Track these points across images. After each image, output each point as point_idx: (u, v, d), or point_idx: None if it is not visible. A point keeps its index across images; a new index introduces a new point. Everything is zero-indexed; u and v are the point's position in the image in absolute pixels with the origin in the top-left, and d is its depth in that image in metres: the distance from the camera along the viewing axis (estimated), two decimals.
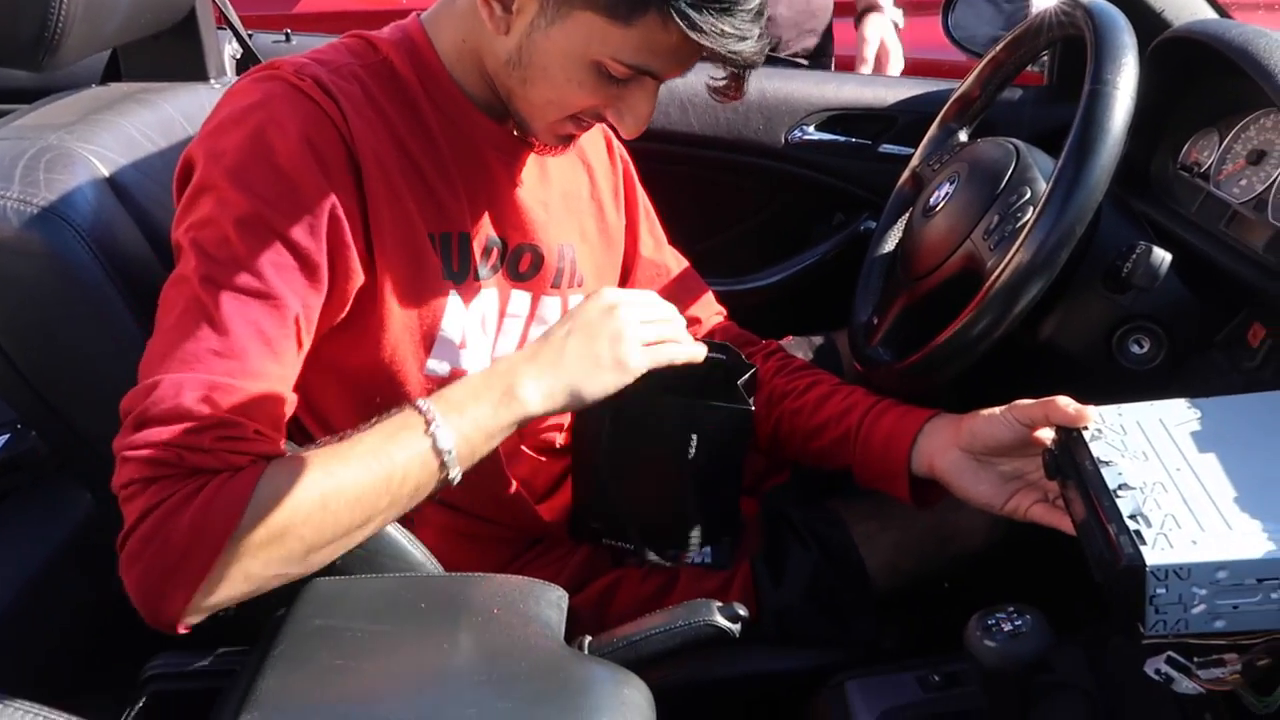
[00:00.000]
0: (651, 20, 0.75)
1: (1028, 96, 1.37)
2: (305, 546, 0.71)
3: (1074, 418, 0.77)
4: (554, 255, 0.96)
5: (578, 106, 0.83)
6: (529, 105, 0.84)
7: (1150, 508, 0.65)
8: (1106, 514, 0.65)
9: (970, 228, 0.94)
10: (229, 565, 0.68)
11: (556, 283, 0.97)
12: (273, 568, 0.70)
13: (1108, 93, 0.81)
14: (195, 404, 0.69)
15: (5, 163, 0.78)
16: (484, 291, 0.91)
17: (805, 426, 1.00)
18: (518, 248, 0.94)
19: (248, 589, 0.70)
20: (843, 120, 1.41)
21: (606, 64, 0.79)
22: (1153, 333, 0.92)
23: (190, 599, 0.68)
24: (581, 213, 1.02)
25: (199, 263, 0.73)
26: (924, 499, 0.94)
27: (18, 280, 0.76)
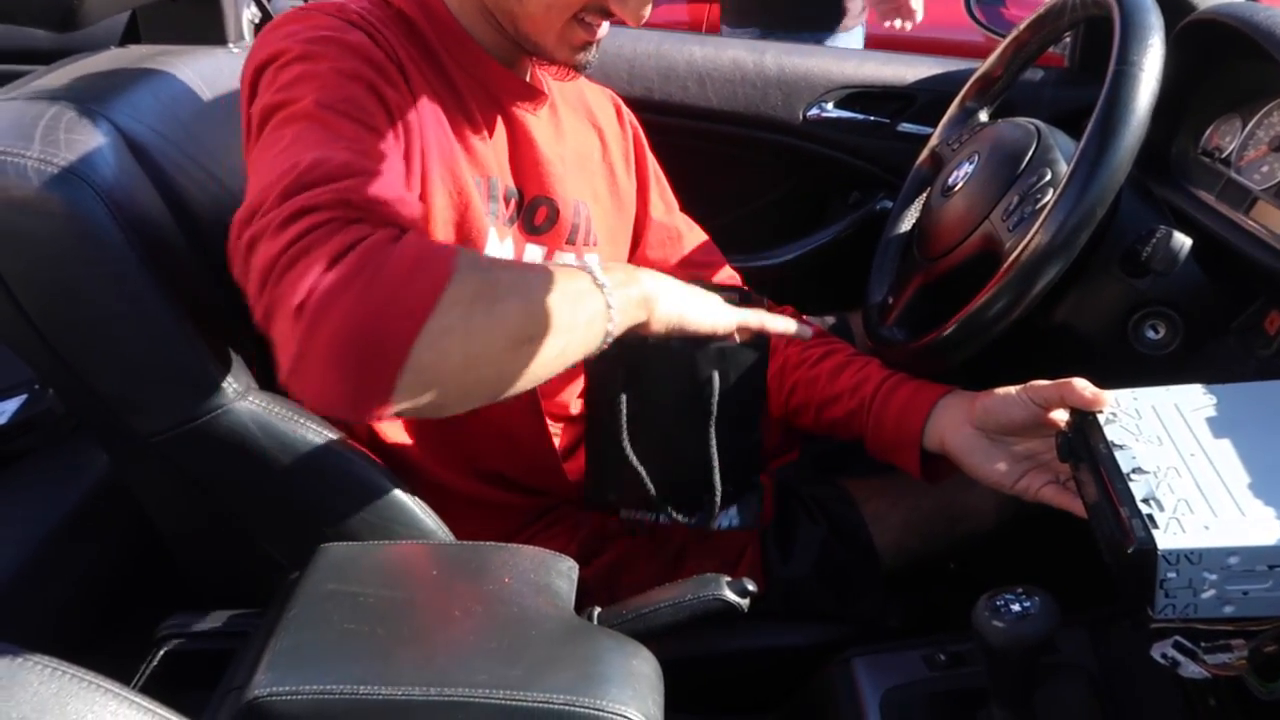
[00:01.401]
0: None
1: (1049, 78, 1.36)
2: (506, 330, 0.67)
3: (1090, 401, 0.77)
4: (569, 210, 0.96)
5: (578, 1, 0.82)
6: (533, 20, 0.83)
7: (1164, 492, 0.65)
8: (1119, 497, 0.65)
9: (989, 208, 0.94)
10: (450, 312, 0.63)
11: (571, 239, 0.97)
12: (477, 339, 0.65)
13: (1133, 74, 0.81)
14: (354, 166, 0.67)
15: (26, 123, 0.78)
16: (506, 239, 0.91)
17: (820, 397, 1.00)
18: (534, 200, 0.93)
19: (456, 364, 0.65)
20: (861, 98, 1.40)
21: None
22: (1169, 318, 0.92)
23: (415, 336, 0.62)
24: (594, 174, 1.02)
25: (300, 101, 0.71)
26: (934, 474, 0.94)
27: (37, 239, 0.76)
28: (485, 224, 0.87)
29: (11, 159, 0.75)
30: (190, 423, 0.80)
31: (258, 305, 0.66)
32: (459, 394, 0.68)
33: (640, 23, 0.85)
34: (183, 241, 0.85)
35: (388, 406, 0.63)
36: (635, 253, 1.08)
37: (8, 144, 0.76)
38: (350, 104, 0.72)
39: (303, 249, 0.63)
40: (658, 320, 0.77)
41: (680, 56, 1.38)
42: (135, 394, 0.82)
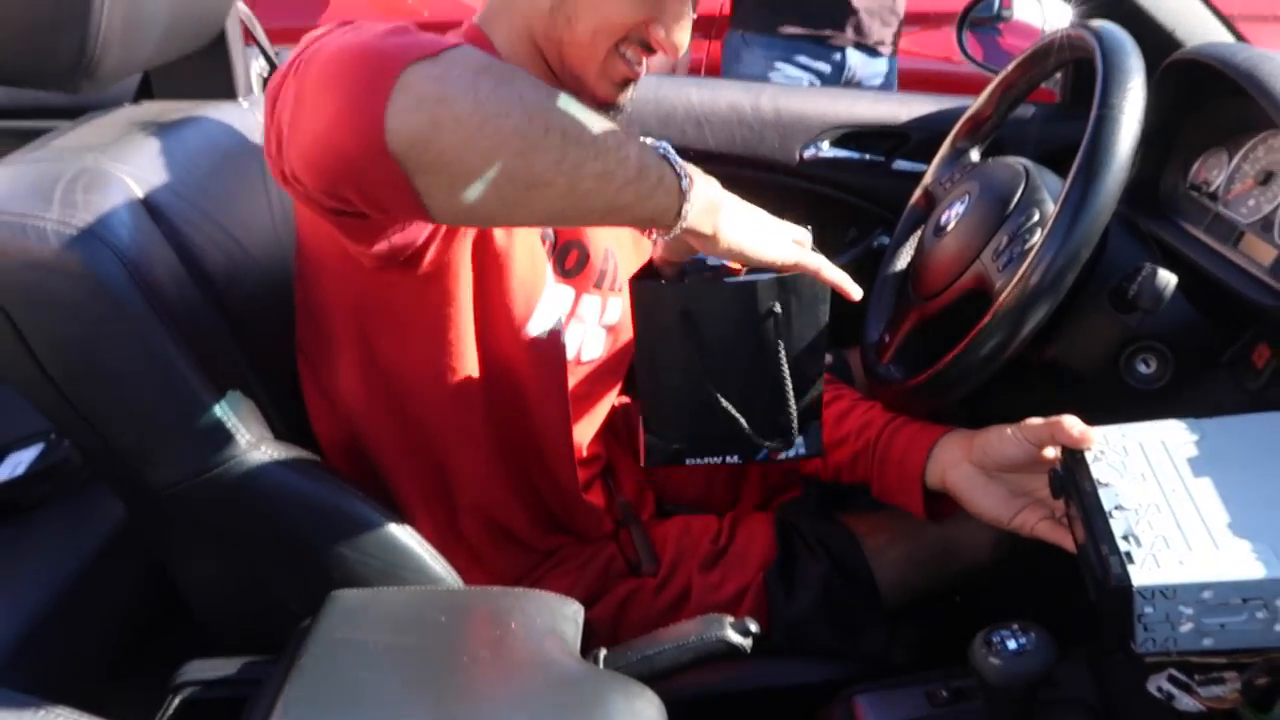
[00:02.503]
0: None
1: (1040, 114, 1.38)
2: (526, 110, 0.64)
3: (1078, 439, 0.79)
4: (599, 255, 0.99)
5: (622, 24, 0.85)
6: (578, 49, 0.86)
7: (1143, 529, 0.67)
8: (1100, 534, 0.67)
9: (980, 248, 0.96)
10: (456, 66, 0.62)
11: (599, 283, 1.00)
12: (487, 103, 0.62)
13: (1114, 117, 0.83)
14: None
15: (45, 185, 0.81)
16: (556, 285, 0.95)
17: (827, 440, 1.02)
18: (567, 243, 0.97)
19: (460, 111, 0.62)
20: (857, 137, 1.43)
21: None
22: (1159, 352, 0.93)
23: (410, 61, 0.61)
24: None
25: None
26: (937, 513, 0.96)
27: (57, 299, 0.79)
28: (542, 254, 0.91)
29: (32, 222, 0.78)
30: (204, 474, 0.83)
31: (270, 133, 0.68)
32: (466, 157, 0.63)
33: (679, 53, 0.88)
34: (197, 295, 0.88)
35: (380, 130, 0.60)
36: None
37: (28, 207, 0.79)
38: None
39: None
40: (723, 236, 0.75)
41: (678, 101, 1.41)
42: (151, 446, 0.84)
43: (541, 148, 0.64)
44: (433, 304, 0.87)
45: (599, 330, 1.02)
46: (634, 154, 0.69)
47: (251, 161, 1.04)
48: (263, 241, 1.00)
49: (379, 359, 0.90)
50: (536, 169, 0.64)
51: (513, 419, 0.95)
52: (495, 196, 0.64)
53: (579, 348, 1.00)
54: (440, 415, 0.92)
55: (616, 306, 1.03)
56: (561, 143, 0.64)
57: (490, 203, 0.64)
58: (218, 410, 0.83)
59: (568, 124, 0.65)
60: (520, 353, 0.92)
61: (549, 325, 0.92)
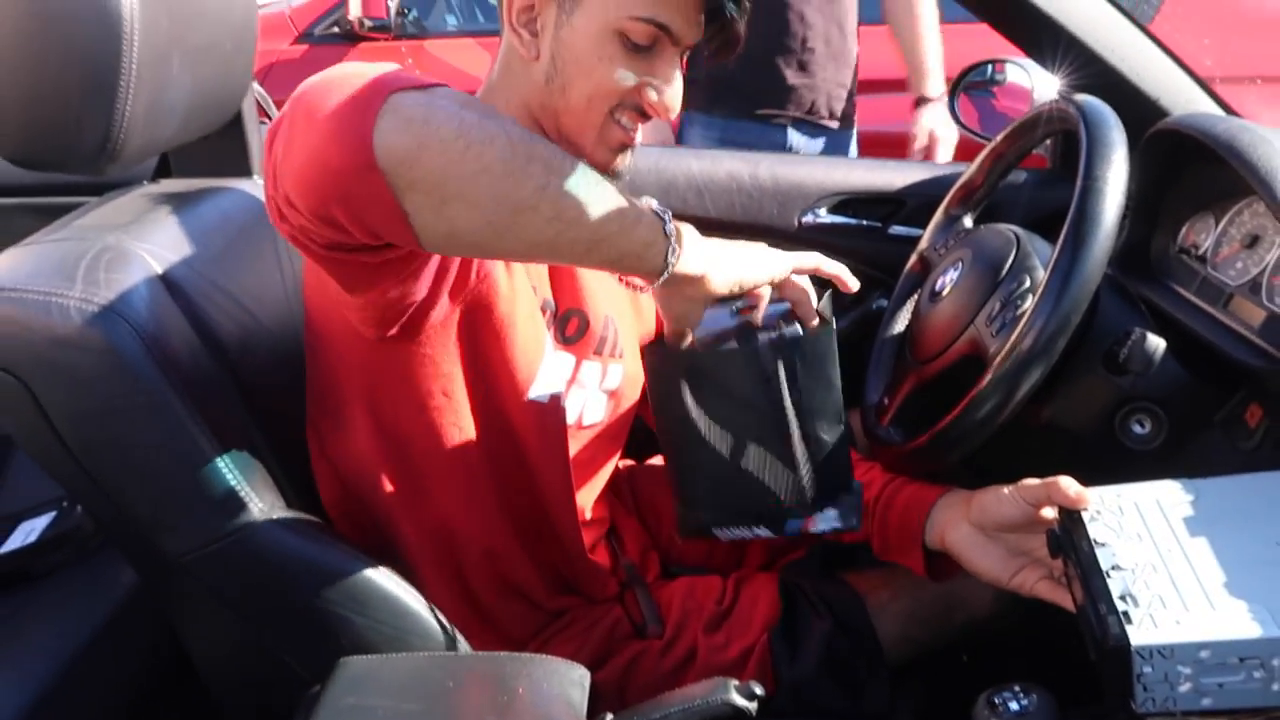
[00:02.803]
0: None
1: (1031, 179, 1.42)
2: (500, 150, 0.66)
3: (1074, 500, 0.80)
4: (599, 323, 1.02)
5: (615, 90, 0.87)
6: (574, 116, 0.89)
7: (1140, 588, 0.69)
8: (1098, 593, 0.69)
9: (974, 314, 0.98)
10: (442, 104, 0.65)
11: (599, 350, 1.02)
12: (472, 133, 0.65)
13: (1099, 188, 0.86)
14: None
15: (69, 264, 0.84)
16: (555, 353, 0.96)
17: None
18: (567, 311, 0.99)
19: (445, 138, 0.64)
20: (854, 203, 1.46)
21: (628, 28, 0.84)
22: (1154, 413, 0.95)
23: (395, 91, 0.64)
24: (619, 292, 1.08)
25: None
26: (938, 572, 0.97)
27: (78, 372, 0.82)
28: (540, 321, 0.93)
29: (56, 299, 0.81)
30: (217, 542, 0.84)
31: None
32: (452, 178, 0.65)
33: (672, 115, 0.90)
34: (212, 367, 0.90)
35: (368, 145, 0.62)
36: None
37: (54, 285, 0.82)
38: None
39: None
40: (715, 274, 0.78)
41: (679, 171, 1.45)
42: (165, 515, 0.86)
43: (525, 174, 0.66)
44: (435, 372, 0.89)
45: (600, 395, 1.04)
46: (615, 194, 0.72)
47: (264, 235, 1.07)
48: (275, 311, 1.03)
49: (384, 425, 0.92)
50: (521, 193, 0.66)
51: (517, 482, 0.97)
52: (482, 220, 0.66)
53: (580, 413, 1.02)
54: (446, 478, 0.94)
55: (617, 372, 1.05)
56: (545, 171, 0.67)
57: (477, 226, 0.67)
58: (230, 479, 0.85)
59: (549, 155, 0.68)
60: (522, 418, 0.94)
61: (550, 392, 0.94)
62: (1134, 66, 1.15)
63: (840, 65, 2.06)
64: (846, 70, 2.08)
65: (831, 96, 2.07)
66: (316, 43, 2.98)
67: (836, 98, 2.09)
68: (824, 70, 2.04)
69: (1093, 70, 1.15)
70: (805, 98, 2.04)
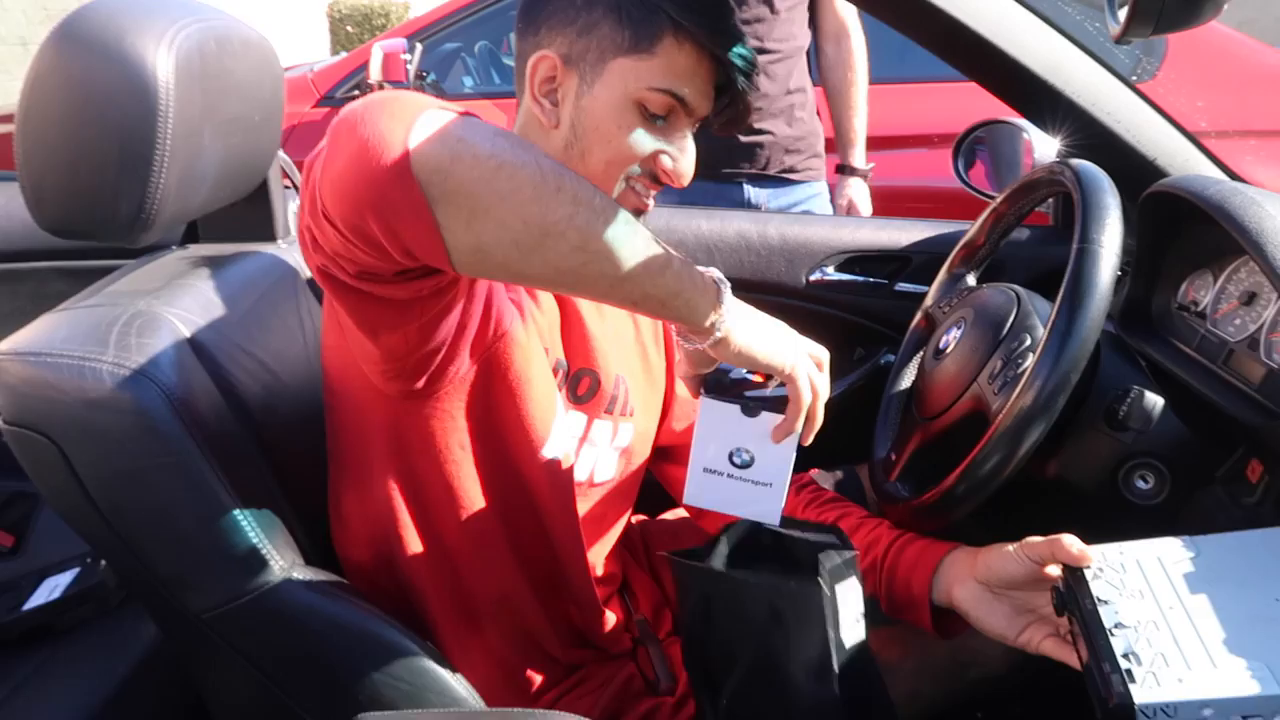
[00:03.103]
0: (668, 43, 0.88)
1: (1034, 237, 1.45)
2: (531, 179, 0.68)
3: (1076, 557, 0.81)
4: (610, 382, 1.04)
5: (632, 156, 0.91)
6: (592, 179, 0.91)
7: (1142, 646, 0.70)
8: (1101, 652, 0.70)
9: (976, 372, 1.01)
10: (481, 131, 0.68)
11: (610, 408, 1.05)
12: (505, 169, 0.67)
13: (1094, 251, 0.88)
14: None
15: (102, 328, 0.88)
16: (567, 414, 0.99)
17: None
18: (579, 371, 1.02)
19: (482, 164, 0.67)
20: (860, 261, 1.49)
21: (645, 99, 0.89)
22: (1156, 469, 0.97)
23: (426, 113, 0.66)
24: (629, 351, 1.10)
25: None
26: (946, 629, 0.98)
27: (108, 434, 0.85)
28: (551, 381, 0.96)
29: (89, 363, 0.84)
30: (239, 599, 0.87)
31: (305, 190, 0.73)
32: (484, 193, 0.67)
33: (685, 183, 0.94)
34: (237, 427, 0.93)
35: (405, 152, 0.65)
36: (663, 424, 1.16)
37: (87, 349, 0.85)
38: None
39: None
40: (735, 338, 0.79)
41: (689, 230, 1.49)
42: (189, 572, 0.88)
43: (555, 200, 0.68)
44: (451, 427, 0.92)
45: (611, 453, 1.06)
46: (644, 239, 0.73)
47: (288, 297, 1.11)
48: (297, 371, 1.06)
49: (401, 481, 0.94)
50: (550, 218, 0.68)
51: (530, 536, 0.99)
52: (510, 240, 0.68)
53: (591, 470, 1.04)
54: (461, 532, 0.96)
55: (628, 430, 1.07)
56: (573, 202, 0.69)
57: (505, 245, 0.68)
58: (253, 537, 0.87)
59: (578, 188, 0.70)
60: (535, 475, 0.96)
61: (562, 450, 0.97)
62: (1131, 128, 1.18)
63: (790, 121, 2.05)
64: (800, 126, 2.07)
65: (787, 151, 2.07)
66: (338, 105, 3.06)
67: (794, 152, 2.08)
68: (774, 128, 2.03)
69: (1091, 132, 1.18)
70: (758, 155, 2.04)
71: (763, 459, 0.85)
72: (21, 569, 1.27)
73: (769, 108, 2.01)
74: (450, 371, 0.88)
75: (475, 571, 0.97)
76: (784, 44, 2.00)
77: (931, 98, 2.52)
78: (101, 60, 0.85)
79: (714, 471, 0.87)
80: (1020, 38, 1.13)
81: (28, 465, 0.87)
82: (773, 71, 2.00)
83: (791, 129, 2.05)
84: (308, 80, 3.15)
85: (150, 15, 0.89)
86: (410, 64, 2.94)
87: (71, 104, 0.86)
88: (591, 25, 0.89)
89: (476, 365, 0.90)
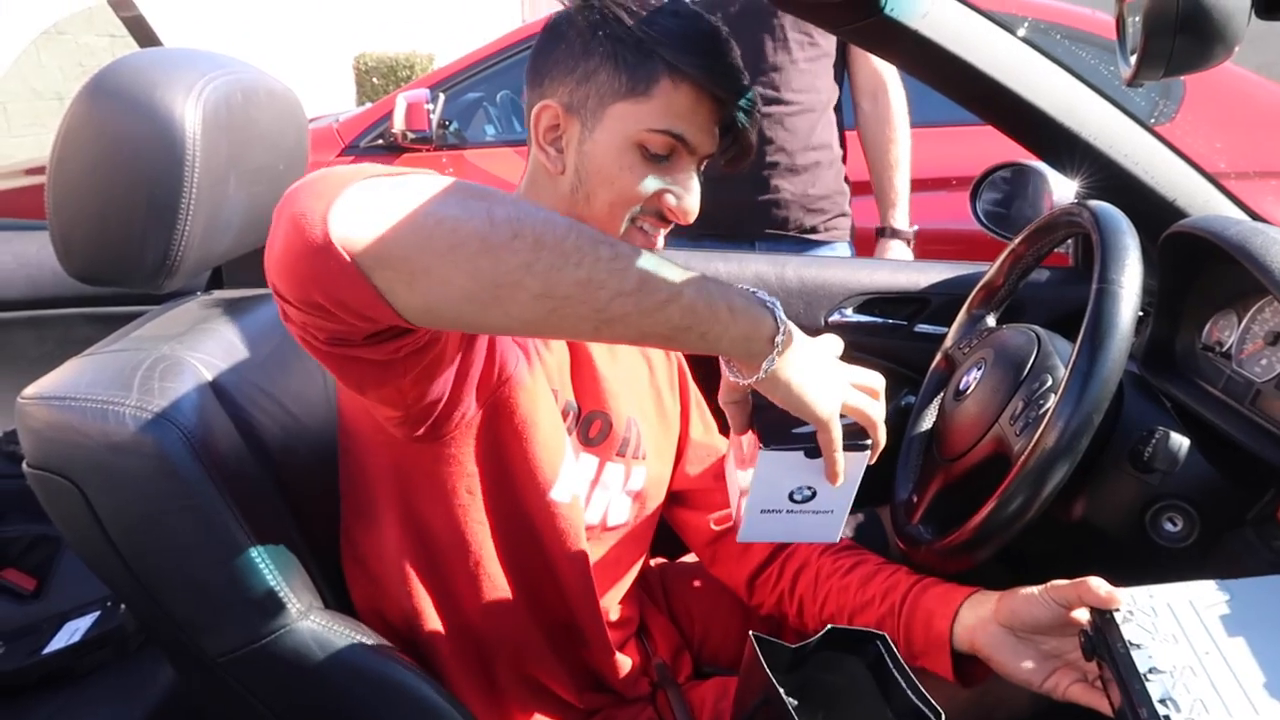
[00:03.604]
0: (664, 85, 0.90)
1: (1054, 277, 1.44)
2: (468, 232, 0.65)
3: (1105, 600, 0.80)
4: (622, 425, 1.04)
5: (636, 197, 0.92)
6: (598, 222, 0.92)
7: (1180, 692, 0.68)
8: (1137, 698, 0.68)
9: (998, 413, 1.00)
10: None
11: (622, 451, 1.05)
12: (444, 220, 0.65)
13: (1114, 291, 0.88)
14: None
15: (126, 373, 0.89)
16: (577, 459, 0.99)
17: (851, 604, 1.03)
18: (590, 414, 1.02)
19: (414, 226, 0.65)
20: (879, 302, 1.49)
21: (645, 140, 0.91)
22: (1184, 511, 0.95)
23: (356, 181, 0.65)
24: (643, 394, 1.10)
25: None
26: (968, 677, 0.96)
27: (130, 477, 0.85)
28: (560, 423, 0.96)
29: (113, 407, 0.85)
30: (256, 642, 0.86)
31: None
32: (419, 254, 0.65)
33: (690, 220, 0.94)
34: (256, 470, 0.94)
35: (325, 226, 0.63)
36: (677, 468, 1.15)
37: (111, 394, 0.86)
38: None
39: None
40: (779, 381, 0.75)
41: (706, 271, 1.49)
42: (207, 616, 0.88)
43: (508, 249, 0.64)
44: (460, 472, 0.92)
45: (624, 497, 1.06)
46: (644, 279, 0.68)
47: None
48: (316, 413, 1.07)
49: (412, 524, 0.94)
50: (502, 269, 0.65)
51: (541, 580, 0.98)
52: (460, 295, 0.65)
53: (604, 514, 1.04)
54: (471, 576, 0.96)
55: (640, 474, 1.07)
56: (533, 248, 0.65)
57: (456, 302, 0.65)
58: (271, 581, 0.87)
59: (545, 231, 0.66)
60: (543, 518, 0.96)
61: (571, 493, 0.97)
62: (1149, 170, 1.18)
63: (813, 180, 1.93)
64: (824, 184, 1.95)
65: (807, 210, 1.94)
66: (361, 154, 3.11)
67: (815, 211, 1.95)
68: (791, 185, 1.91)
69: (1109, 174, 1.18)
70: (773, 214, 1.92)
71: (825, 490, 0.83)
72: (42, 613, 1.28)
73: (786, 163, 1.91)
74: (455, 417, 0.88)
75: (485, 616, 0.97)
76: (804, 95, 1.91)
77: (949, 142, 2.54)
78: (131, 112, 0.88)
79: (773, 511, 0.84)
80: (1036, 81, 1.14)
81: (50, 508, 0.88)
82: (791, 124, 1.90)
83: (814, 188, 1.93)
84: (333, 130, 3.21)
85: (179, 68, 0.92)
86: (433, 113, 2.99)
87: (102, 154, 0.88)
88: (590, 73, 0.91)
89: (483, 410, 0.90)
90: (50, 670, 1.18)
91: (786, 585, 1.10)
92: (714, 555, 1.16)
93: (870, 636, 0.85)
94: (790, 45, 1.89)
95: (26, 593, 1.36)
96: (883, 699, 0.83)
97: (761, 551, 1.12)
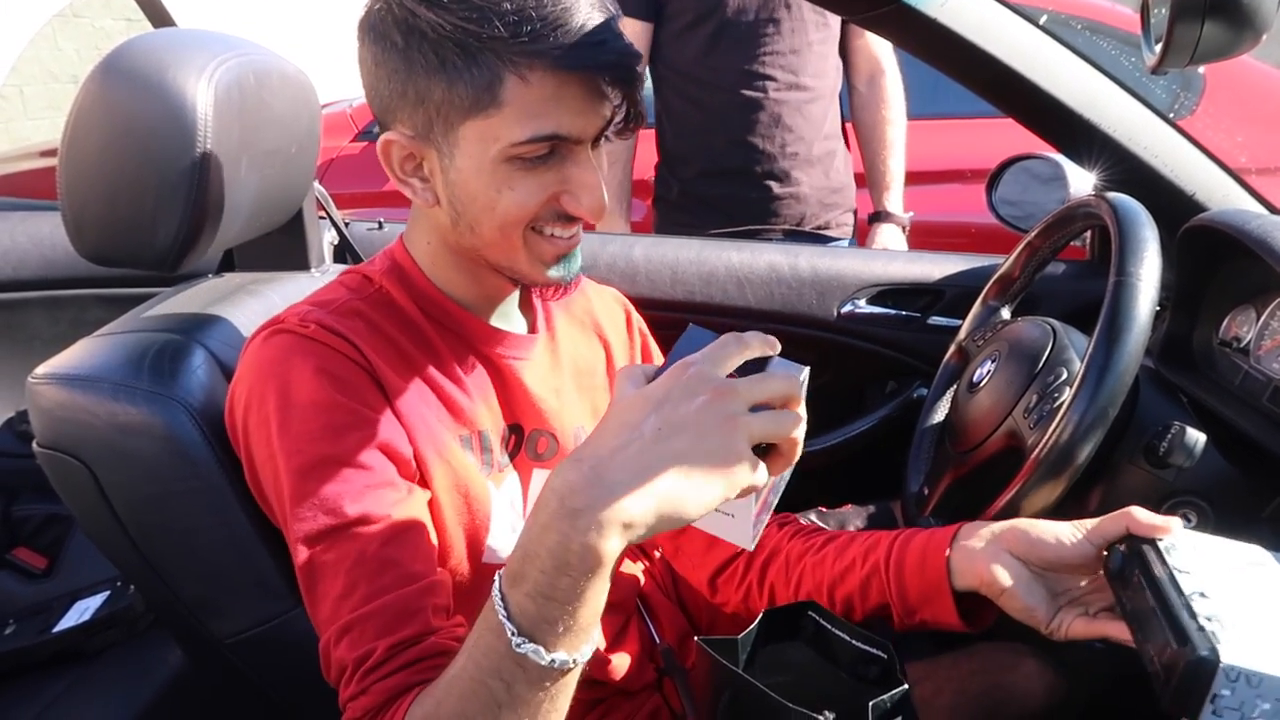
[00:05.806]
0: (512, 86, 0.76)
1: (1070, 270, 1.43)
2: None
3: (1155, 527, 0.76)
4: (569, 438, 0.99)
5: (523, 212, 0.81)
6: (495, 248, 0.84)
7: (1227, 616, 0.65)
8: (1185, 609, 0.65)
9: (1011, 405, 0.99)
10: None
11: None
12: None
13: (1132, 284, 0.87)
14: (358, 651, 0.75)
15: (137, 355, 0.89)
16: (509, 476, 0.94)
17: (830, 575, 0.98)
18: (534, 432, 0.97)
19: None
20: (892, 294, 1.48)
21: (513, 152, 0.78)
22: (1199, 507, 0.94)
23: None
24: (596, 390, 1.04)
25: (296, 528, 0.78)
26: (975, 619, 0.90)
27: (140, 457, 0.85)
28: (482, 481, 0.90)
29: (125, 388, 0.85)
30: (265, 624, 0.87)
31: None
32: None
33: (601, 218, 0.83)
34: None
35: None
36: None
37: (123, 376, 0.86)
38: (329, 464, 0.78)
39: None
40: (618, 548, 0.62)
41: (720, 262, 1.48)
42: (215, 597, 0.88)
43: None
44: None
45: None
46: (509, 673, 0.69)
47: None
48: None
49: None
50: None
51: None
52: None
53: None
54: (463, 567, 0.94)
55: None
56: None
57: None
58: (278, 563, 0.87)
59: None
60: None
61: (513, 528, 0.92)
62: (1168, 163, 1.16)
63: (827, 172, 1.86)
64: (837, 177, 1.89)
65: (824, 205, 1.87)
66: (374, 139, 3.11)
67: (830, 206, 1.88)
68: (810, 178, 1.84)
69: (1127, 167, 1.17)
70: (793, 209, 1.84)
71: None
72: (53, 591, 1.29)
73: (805, 153, 1.83)
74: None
75: (472, 608, 0.95)
76: (818, 81, 1.83)
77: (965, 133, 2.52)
78: (143, 93, 0.87)
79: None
80: (1055, 73, 1.12)
81: (59, 487, 0.88)
82: (808, 112, 1.82)
83: (828, 180, 1.87)
84: (347, 115, 3.20)
85: (191, 50, 0.91)
86: None
87: (113, 135, 0.88)
88: (422, 94, 0.78)
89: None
90: (60, 649, 1.18)
91: (755, 577, 1.06)
92: (676, 549, 1.14)
93: (803, 608, 0.83)
94: (808, 25, 1.80)
95: (37, 571, 1.37)
96: (832, 665, 0.80)
97: (728, 548, 1.10)
